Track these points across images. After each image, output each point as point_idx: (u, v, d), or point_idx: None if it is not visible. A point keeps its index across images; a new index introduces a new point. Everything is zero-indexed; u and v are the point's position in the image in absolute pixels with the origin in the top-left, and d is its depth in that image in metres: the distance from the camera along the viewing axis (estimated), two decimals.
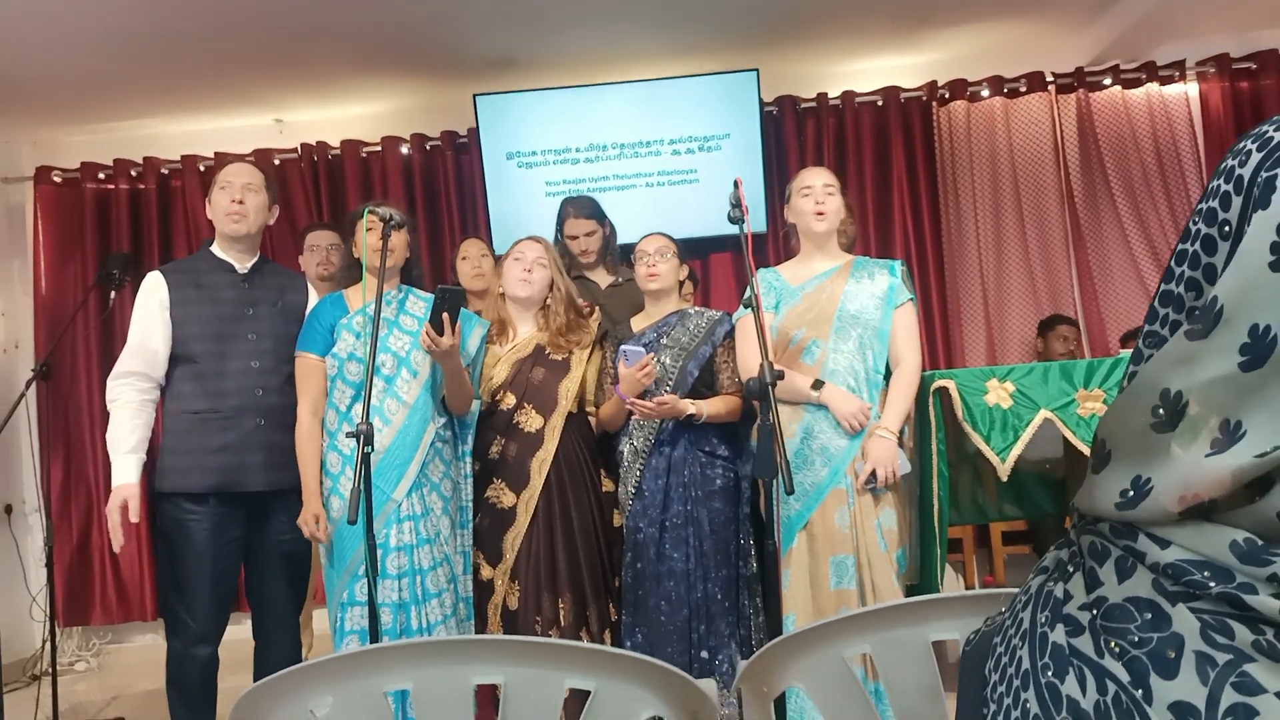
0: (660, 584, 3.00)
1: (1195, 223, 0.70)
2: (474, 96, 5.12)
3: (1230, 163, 0.68)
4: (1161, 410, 0.68)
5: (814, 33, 4.99)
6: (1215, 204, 0.69)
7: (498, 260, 3.65)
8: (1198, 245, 0.70)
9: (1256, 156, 0.66)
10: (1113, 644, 0.70)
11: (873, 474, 2.79)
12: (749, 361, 2.94)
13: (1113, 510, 0.73)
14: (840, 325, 2.94)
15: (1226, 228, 0.67)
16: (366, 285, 2.87)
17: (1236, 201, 0.67)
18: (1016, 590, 0.89)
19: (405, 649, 1.28)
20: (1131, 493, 0.71)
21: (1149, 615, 0.69)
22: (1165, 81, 5.29)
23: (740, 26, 4.85)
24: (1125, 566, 0.73)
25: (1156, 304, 0.73)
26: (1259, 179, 0.65)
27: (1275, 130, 0.67)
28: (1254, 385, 0.63)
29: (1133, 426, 0.71)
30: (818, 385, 2.86)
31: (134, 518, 2.82)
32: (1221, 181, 0.69)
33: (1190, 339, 0.67)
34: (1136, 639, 0.69)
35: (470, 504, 3.09)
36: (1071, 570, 0.79)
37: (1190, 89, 5.33)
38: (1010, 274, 5.28)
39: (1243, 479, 0.64)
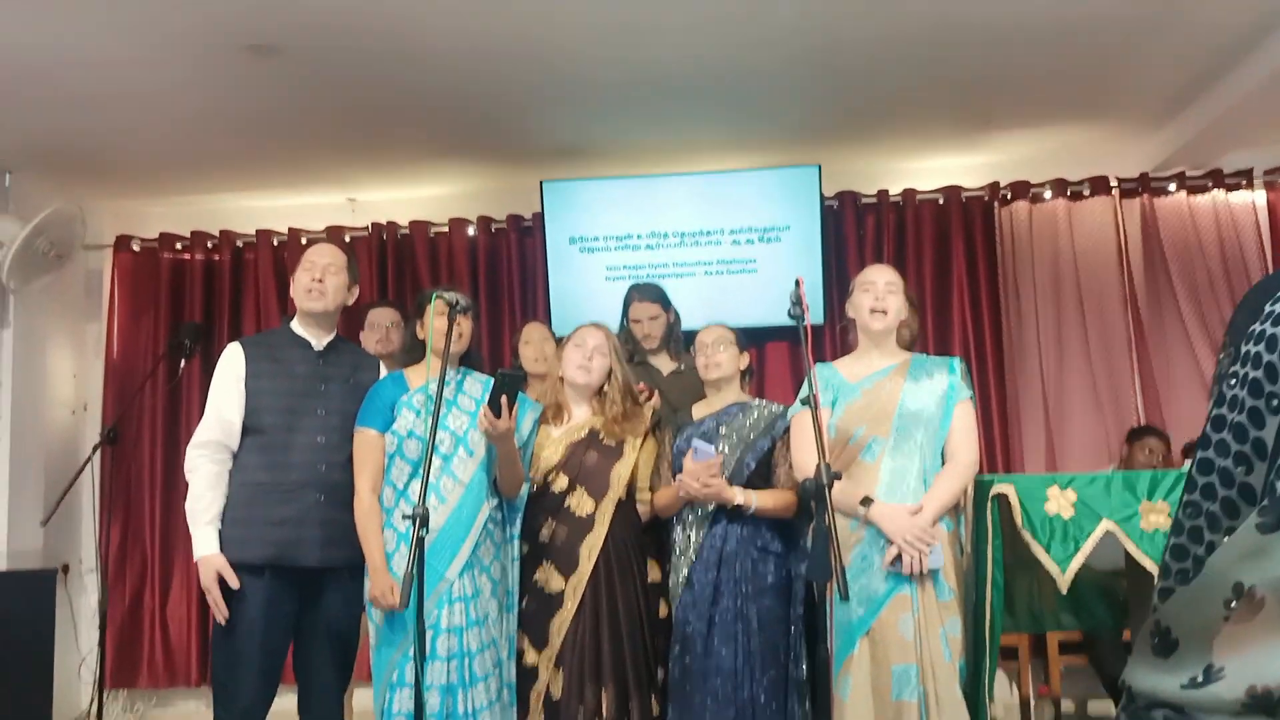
0: (707, 680, 2.95)
1: (1231, 387, 0.68)
2: (541, 182, 5.24)
3: (1270, 330, 0.66)
4: (1235, 604, 0.66)
5: (877, 131, 5.05)
6: (1259, 374, 0.67)
7: (559, 344, 3.69)
8: (1242, 417, 0.68)
9: None
10: None
11: (897, 559, 2.74)
12: (805, 460, 2.92)
13: (1178, 692, 0.71)
14: (901, 424, 2.92)
15: (1276, 401, 0.65)
16: (431, 365, 2.91)
17: None
18: None
19: None
20: (1200, 679, 0.69)
21: None
22: (1232, 189, 5.25)
23: (803, 122, 4.93)
24: None
25: (1195, 472, 0.72)
26: None
27: None
28: None
29: (1204, 617, 0.69)
30: (866, 502, 2.82)
31: (234, 584, 2.82)
32: (1262, 349, 0.67)
33: (1262, 532, 0.64)
34: None
35: (517, 588, 3.08)
36: None
37: (1258, 197, 5.28)
38: (1071, 378, 5.21)
39: None
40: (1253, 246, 5.22)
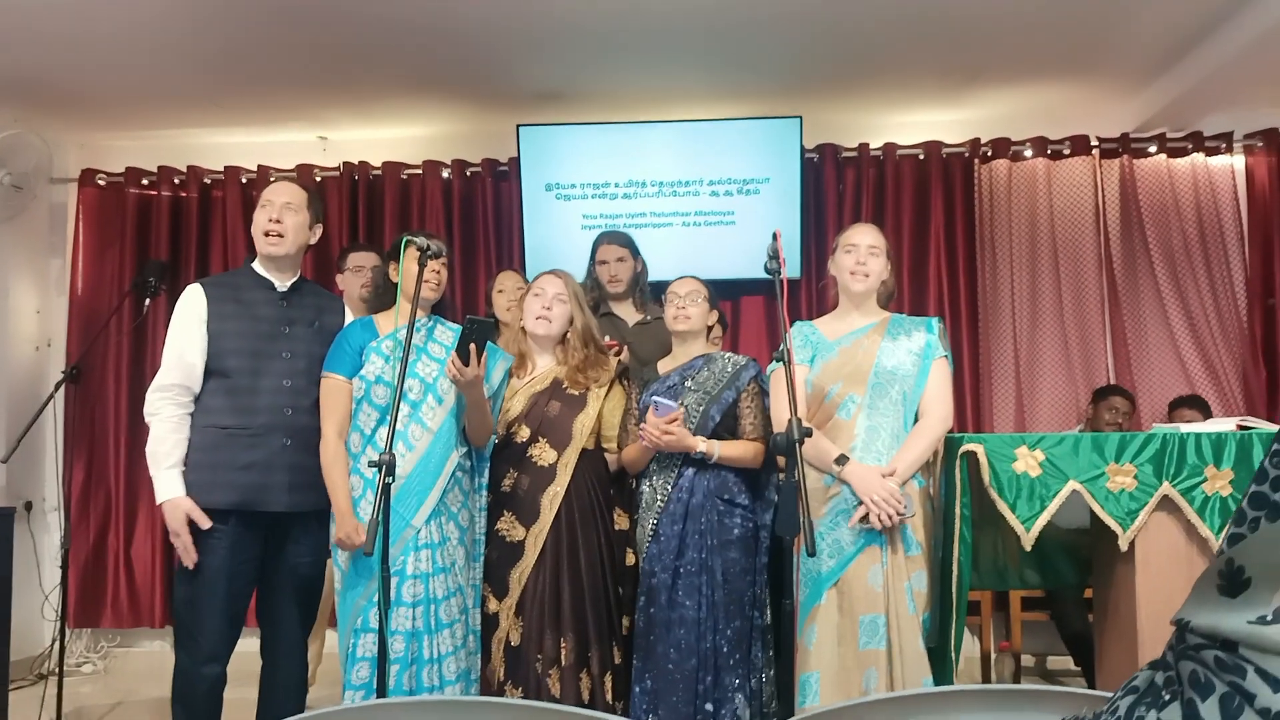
0: (670, 631, 2.97)
1: None
2: (517, 127, 5.16)
3: None
4: None
5: (860, 83, 4.99)
6: None
7: None
8: None
9: None
10: None
11: (866, 518, 2.76)
12: (780, 415, 2.91)
13: (1242, 627, 0.69)
14: (877, 382, 2.92)
15: None
16: (400, 311, 2.87)
17: None
18: (1047, 688, 0.85)
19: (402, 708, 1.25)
20: (1270, 617, 0.68)
21: None
22: (1211, 152, 5.24)
23: (786, 73, 4.86)
24: (1231, 707, 0.69)
25: None
26: None
27: None
28: None
29: None
30: (841, 460, 2.82)
31: (205, 524, 2.79)
32: None
33: None
34: None
35: (483, 537, 3.07)
36: (1168, 698, 0.75)
37: (1236, 161, 5.28)
38: (1044, 338, 5.23)
39: None
40: (1229, 211, 5.23)
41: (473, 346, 2.76)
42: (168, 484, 2.82)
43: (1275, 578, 0.69)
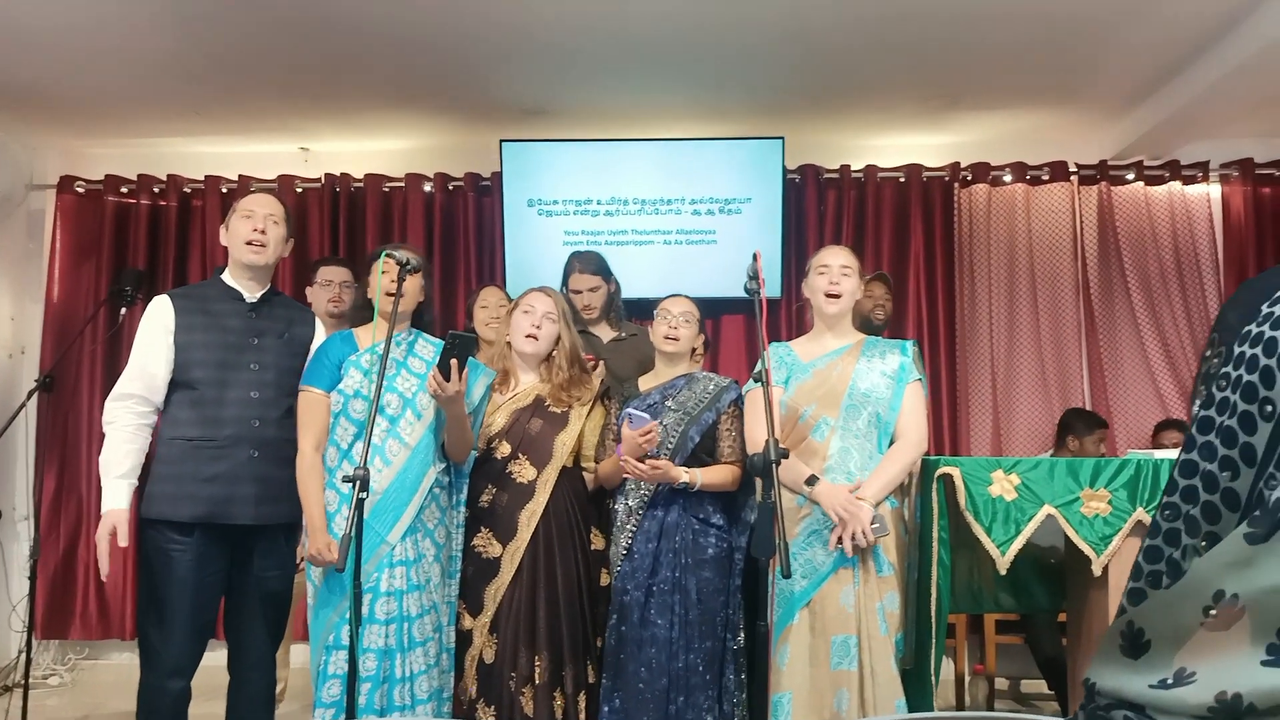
0: (642, 650, 2.95)
1: (1221, 388, 0.67)
2: (500, 142, 5.16)
3: (1269, 332, 0.64)
4: (1214, 612, 0.65)
5: (841, 106, 5.02)
6: (1253, 378, 0.65)
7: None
8: (1232, 420, 0.66)
9: None
10: None
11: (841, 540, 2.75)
12: (756, 436, 2.91)
13: (1145, 692, 0.69)
14: (850, 404, 2.93)
15: (1269, 407, 0.64)
16: (377, 327, 2.86)
17: None
18: (1017, 716, 0.85)
19: None
20: (1170, 681, 0.68)
21: None
22: (1188, 181, 5.30)
23: (769, 94, 4.89)
24: None
25: (1177, 474, 0.70)
26: None
27: None
28: None
29: (1181, 621, 0.68)
30: (812, 481, 2.83)
31: (123, 543, 2.78)
32: (1259, 352, 0.65)
33: (1250, 542, 0.63)
34: None
35: (460, 553, 3.05)
36: None
37: (1213, 190, 5.34)
38: (1021, 362, 5.26)
39: None
40: (1205, 239, 5.28)
41: (454, 362, 2.74)
42: (112, 493, 2.81)
43: (1174, 640, 0.69)
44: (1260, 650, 0.63)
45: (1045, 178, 5.33)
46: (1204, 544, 0.70)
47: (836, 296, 3.00)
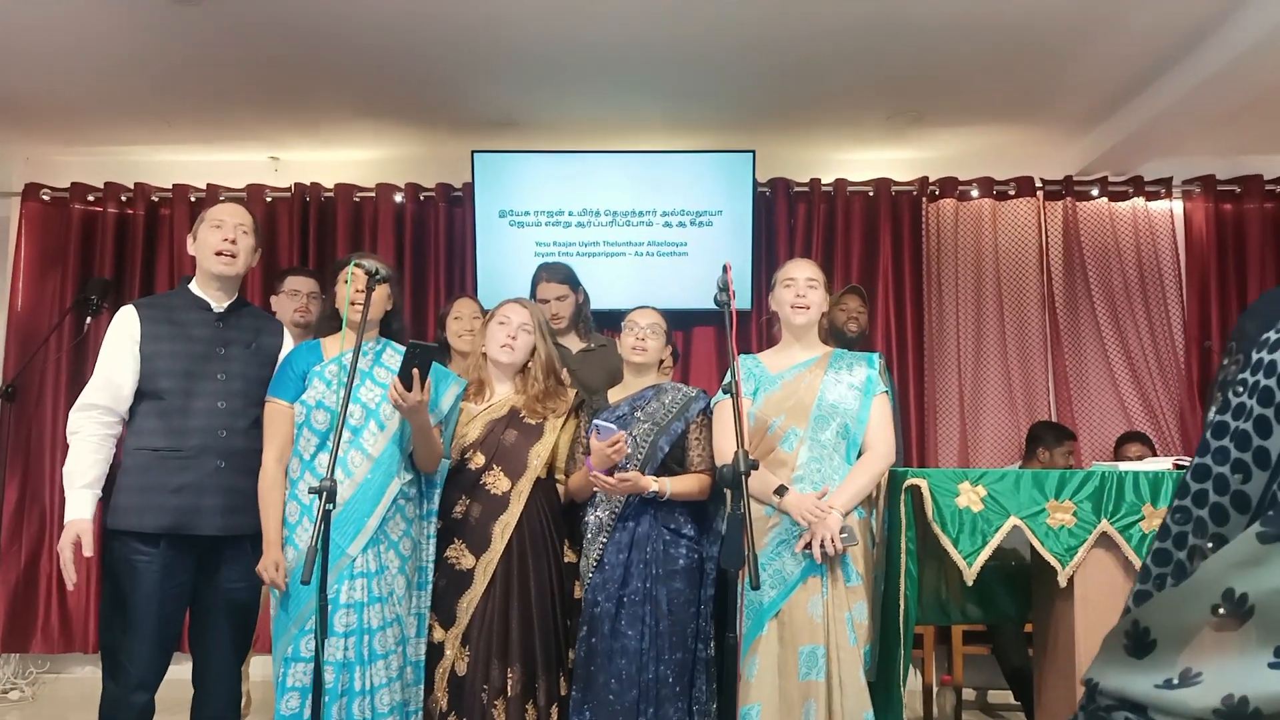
0: (612, 661, 2.94)
1: (1238, 394, 0.67)
2: (472, 153, 5.16)
3: None
4: (1222, 610, 0.65)
5: (811, 120, 5.07)
6: (1271, 382, 0.65)
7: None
8: (1248, 424, 0.66)
9: None
10: None
11: (809, 545, 2.77)
12: (725, 447, 2.92)
13: (1149, 692, 0.70)
14: (819, 415, 2.95)
15: None
16: (345, 337, 2.84)
17: None
18: None
19: None
20: (1176, 681, 0.68)
21: None
22: (1151, 197, 5.39)
23: (739, 108, 4.92)
24: None
25: (1190, 478, 0.71)
26: None
27: None
28: None
29: (1187, 620, 0.68)
30: (781, 491, 2.84)
31: (87, 553, 2.74)
32: (1278, 358, 0.66)
33: (1262, 541, 0.63)
34: None
35: (430, 564, 3.03)
36: None
37: (1175, 206, 5.43)
38: (988, 374, 5.32)
39: None
40: (1168, 254, 5.37)
41: (416, 371, 2.73)
42: (75, 503, 2.77)
43: (1180, 640, 0.70)
44: (1268, 652, 0.63)
45: (1011, 193, 5.40)
46: (1210, 545, 0.70)
47: (804, 309, 3.03)
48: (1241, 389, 0.67)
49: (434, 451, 2.94)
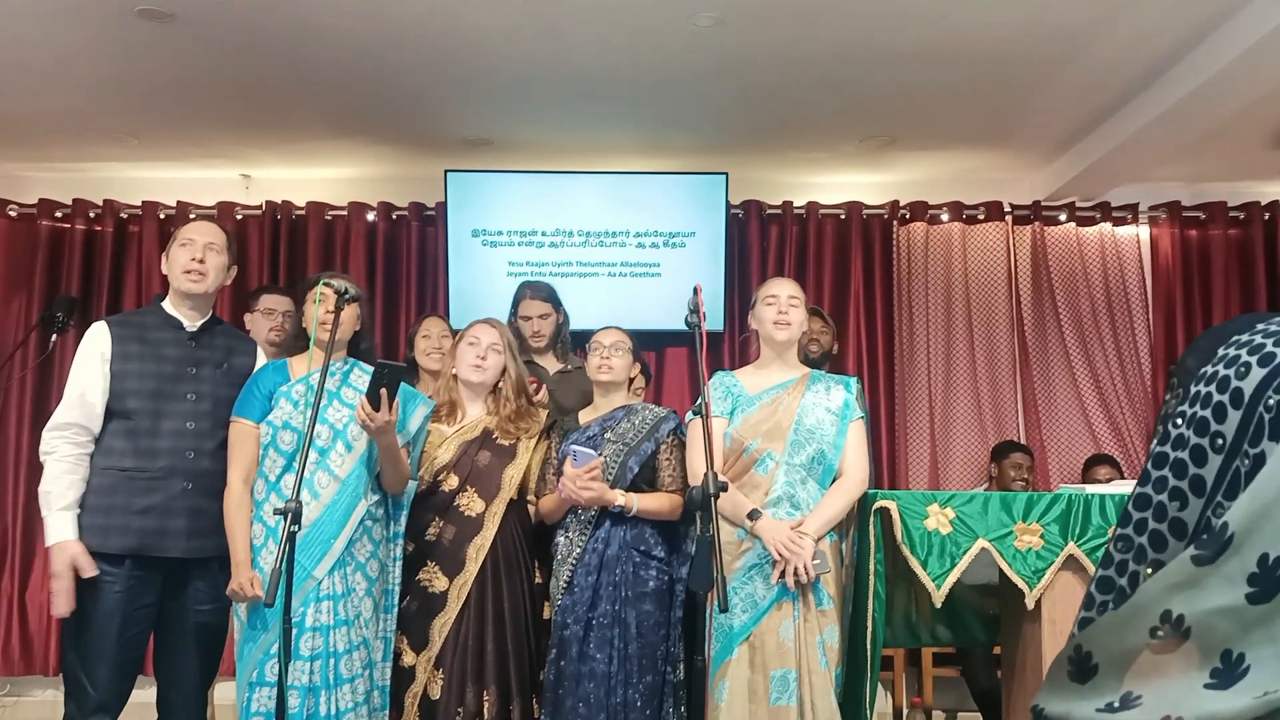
0: (580, 685, 2.92)
1: (1177, 426, 0.69)
2: (445, 172, 5.15)
3: (1222, 371, 0.66)
4: (1161, 632, 0.66)
5: (784, 143, 5.10)
6: (1206, 413, 0.67)
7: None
8: (1184, 453, 0.68)
9: (1258, 373, 0.65)
10: None
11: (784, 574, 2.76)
12: (696, 469, 2.92)
13: (1092, 716, 0.70)
14: (795, 439, 2.95)
15: (1220, 440, 0.66)
16: (312, 356, 2.82)
17: (1234, 416, 0.65)
18: None
19: None
20: (1117, 704, 0.69)
21: None
22: (1119, 222, 5.46)
23: (713, 130, 4.95)
24: None
25: (1131, 507, 0.72)
26: (1268, 401, 0.63)
27: (1273, 343, 0.66)
28: (1259, 619, 0.61)
29: (1128, 643, 0.69)
30: (754, 515, 2.84)
31: (89, 573, 2.69)
32: (1213, 390, 0.67)
33: (1197, 564, 0.64)
34: None
35: (397, 587, 3.00)
36: None
37: (1142, 232, 5.51)
38: (958, 397, 5.36)
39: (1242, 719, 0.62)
40: (1135, 279, 5.45)
41: (384, 392, 2.71)
42: (58, 526, 2.72)
43: (1121, 664, 0.71)
44: (1205, 674, 0.64)
45: (981, 217, 5.46)
46: (1150, 570, 0.71)
47: (786, 325, 3.04)
48: (1180, 420, 0.69)
49: (401, 473, 2.92)
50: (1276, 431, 0.63)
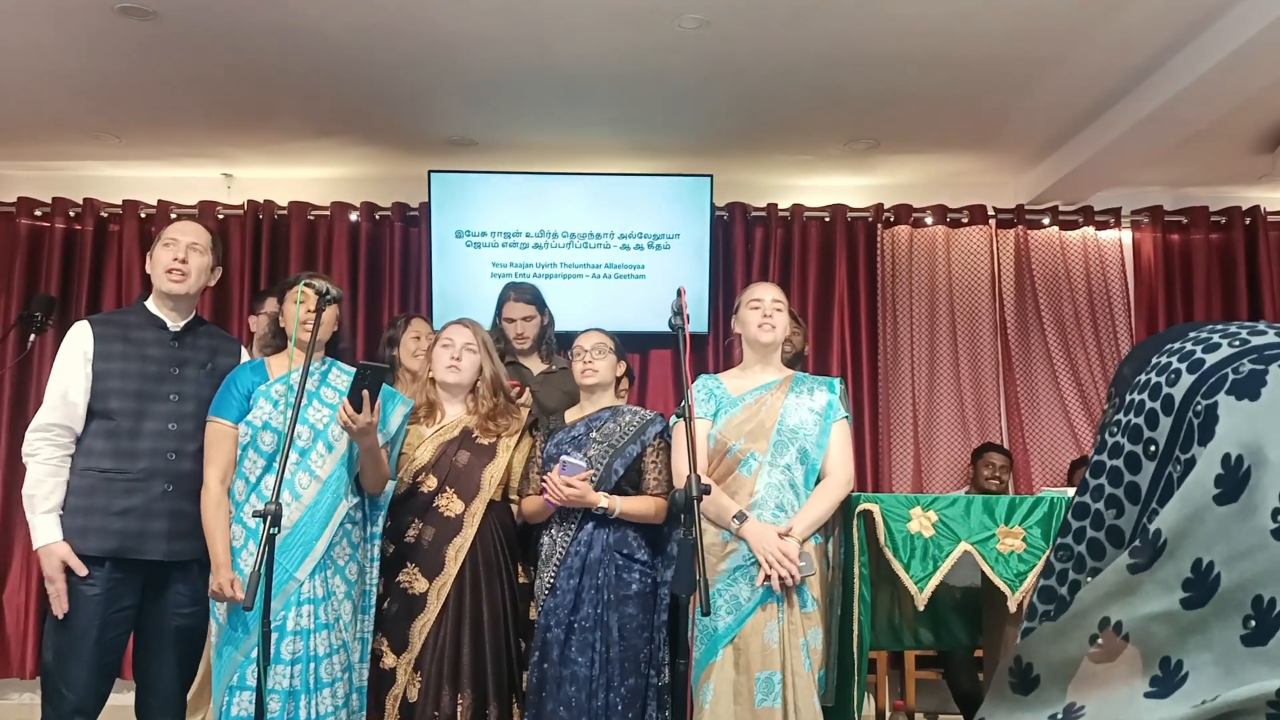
0: (561, 689, 2.92)
1: (1113, 434, 0.69)
2: (429, 172, 5.13)
3: (1154, 379, 0.67)
4: (1100, 640, 0.66)
5: (769, 146, 5.10)
6: (1140, 420, 0.68)
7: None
8: (1119, 461, 0.69)
9: (1188, 379, 0.65)
10: None
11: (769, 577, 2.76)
12: (680, 471, 2.92)
13: None
14: (779, 439, 2.96)
15: (1153, 447, 0.67)
16: (292, 356, 2.80)
17: (1165, 422, 0.66)
18: None
19: None
20: (1060, 717, 0.69)
21: None
22: (1101, 226, 5.49)
23: (698, 133, 4.95)
24: None
25: (1070, 516, 0.72)
26: (1197, 407, 0.64)
27: (1202, 350, 0.67)
28: (1195, 624, 0.61)
29: (1067, 653, 0.69)
30: (740, 517, 2.84)
31: (82, 571, 2.67)
32: (1145, 397, 0.68)
33: (1132, 571, 0.65)
34: None
35: (374, 589, 2.98)
36: None
37: (1124, 236, 5.54)
38: (941, 400, 5.37)
39: None
40: (1117, 282, 5.48)
41: (365, 393, 2.70)
42: (45, 529, 2.69)
43: (1063, 675, 0.71)
44: (1145, 682, 0.64)
45: (965, 220, 5.48)
46: (1088, 578, 0.72)
47: (771, 328, 3.05)
48: (1116, 429, 0.70)
49: (381, 473, 2.91)
50: (1205, 436, 0.63)
